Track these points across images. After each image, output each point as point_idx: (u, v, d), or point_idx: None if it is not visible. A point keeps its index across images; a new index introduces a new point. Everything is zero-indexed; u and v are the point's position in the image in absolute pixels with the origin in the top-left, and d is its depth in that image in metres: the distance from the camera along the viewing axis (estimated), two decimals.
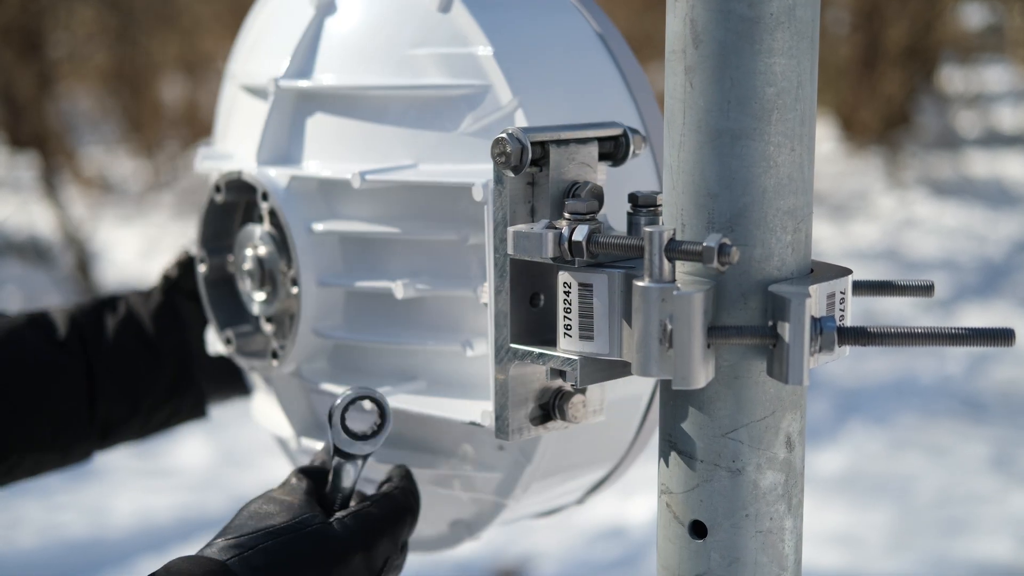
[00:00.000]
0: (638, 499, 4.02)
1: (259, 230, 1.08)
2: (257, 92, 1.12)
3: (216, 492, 4.00)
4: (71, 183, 7.31)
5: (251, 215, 1.12)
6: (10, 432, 1.14)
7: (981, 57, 10.35)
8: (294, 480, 0.97)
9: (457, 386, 1.01)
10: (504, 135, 0.83)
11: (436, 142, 0.98)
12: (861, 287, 0.86)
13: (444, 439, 1.04)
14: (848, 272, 0.82)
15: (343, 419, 0.96)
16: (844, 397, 4.80)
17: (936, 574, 3.65)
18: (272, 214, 1.07)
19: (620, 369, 0.84)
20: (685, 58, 0.80)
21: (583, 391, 0.90)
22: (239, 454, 4.31)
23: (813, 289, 0.77)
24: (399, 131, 1.00)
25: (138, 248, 7.11)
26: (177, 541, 3.66)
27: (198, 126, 7.81)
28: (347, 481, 0.97)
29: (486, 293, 0.94)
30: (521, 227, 0.82)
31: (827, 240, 7.00)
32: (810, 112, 0.81)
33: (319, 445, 1.08)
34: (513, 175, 0.84)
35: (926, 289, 0.87)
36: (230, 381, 1.28)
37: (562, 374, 0.87)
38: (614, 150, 0.90)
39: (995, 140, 9.52)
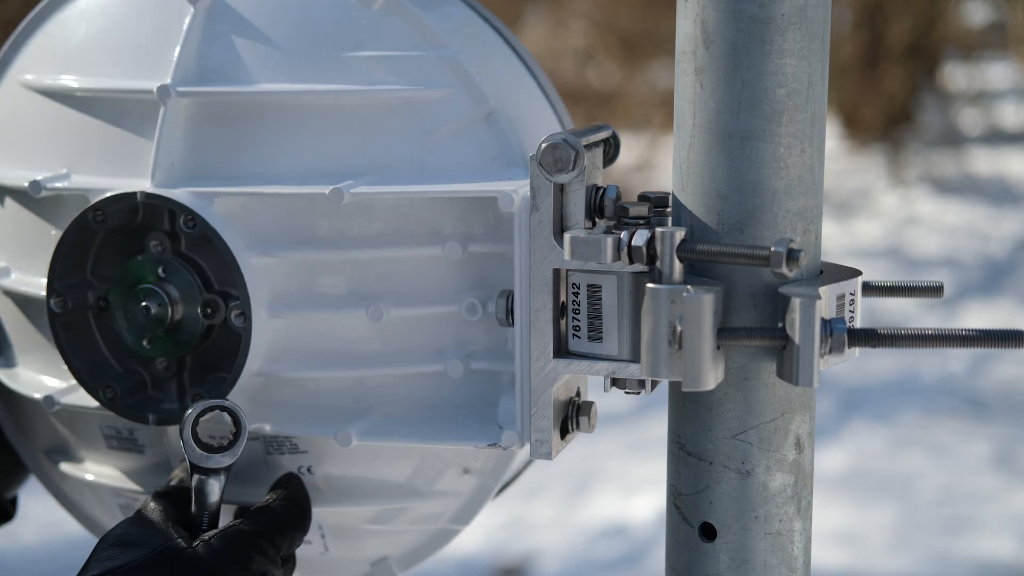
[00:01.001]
0: (640, 497, 4.02)
1: (163, 260, 0.94)
2: (76, 100, 0.98)
3: None
4: None
5: (124, 244, 0.96)
6: None
7: (984, 54, 10.34)
8: (151, 505, 0.90)
9: (427, 411, 0.95)
10: (560, 140, 0.81)
11: (395, 150, 0.92)
12: (870, 288, 0.86)
13: (391, 472, 0.97)
14: (858, 273, 0.82)
15: (195, 434, 0.90)
16: (847, 395, 4.80)
17: (938, 573, 3.65)
18: (193, 239, 0.93)
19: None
20: (695, 59, 0.80)
21: (592, 400, 0.90)
22: None
23: (823, 291, 0.77)
24: (345, 139, 0.92)
25: None
26: None
27: None
28: (212, 497, 0.91)
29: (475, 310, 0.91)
30: (578, 233, 0.80)
31: (830, 238, 6.99)
32: (820, 113, 0.80)
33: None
34: (566, 181, 0.83)
35: (935, 290, 0.87)
36: (12, 467, 1.13)
37: (616, 382, 0.85)
38: (604, 152, 0.91)
39: (998, 138, 9.51)
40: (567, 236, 0.81)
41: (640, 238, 0.79)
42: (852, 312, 0.81)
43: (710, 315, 0.76)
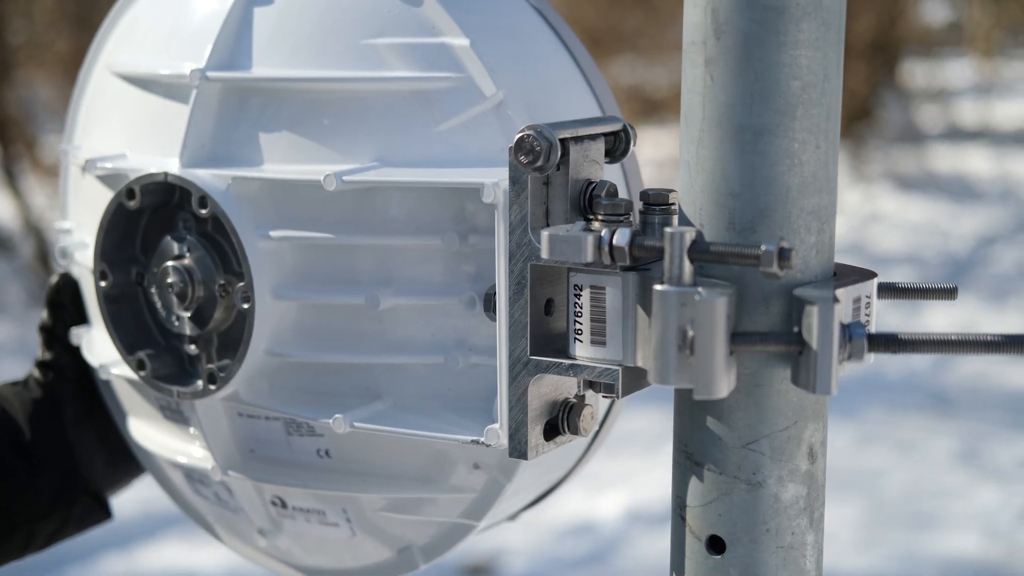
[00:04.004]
0: (607, 495, 4.00)
1: (188, 240, 0.99)
2: (141, 82, 1.02)
3: None
4: (30, 172, 7.19)
5: (164, 223, 1.01)
6: None
7: (943, 52, 10.39)
8: None
9: (434, 403, 0.93)
10: (531, 132, 0.78)
11: (406, 139, 0.91)
12: (883, 290, 0.82)
13: (405, 461, 0.97)
14: (873, 275, 0.79)
15: None
16: None
17: (905, 569, 3.65)
18: (213, 221, 0.96)
19: (645, 377, 0.80)
20: (705, 50, 0.76)
21: (590, 402, 0.86)
22: None
23: (840, 293, 0.74)
24: (358, 128, 0.92)
25: None
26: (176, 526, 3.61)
27: None
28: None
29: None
30: (557, 230, 0.77)
31: None
32: (835, 107, 0.77)
33: (244, 479, 1.01)
34: (538, 175, 0.79)
35: (949, 292, 0.83)
36: (124, 468, 1.16)
37: (592, 384, 0.82)
38: (614, 146, 0.86)
39: (957, 135, 9.56)
40: (544, 233, 0.77)
41: (622, 237, 0.75)
42: (868, 315, 0.78)
43: (723, 319, 0.72)
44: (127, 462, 1.15)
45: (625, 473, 4.13)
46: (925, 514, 3.93)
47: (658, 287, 0.73)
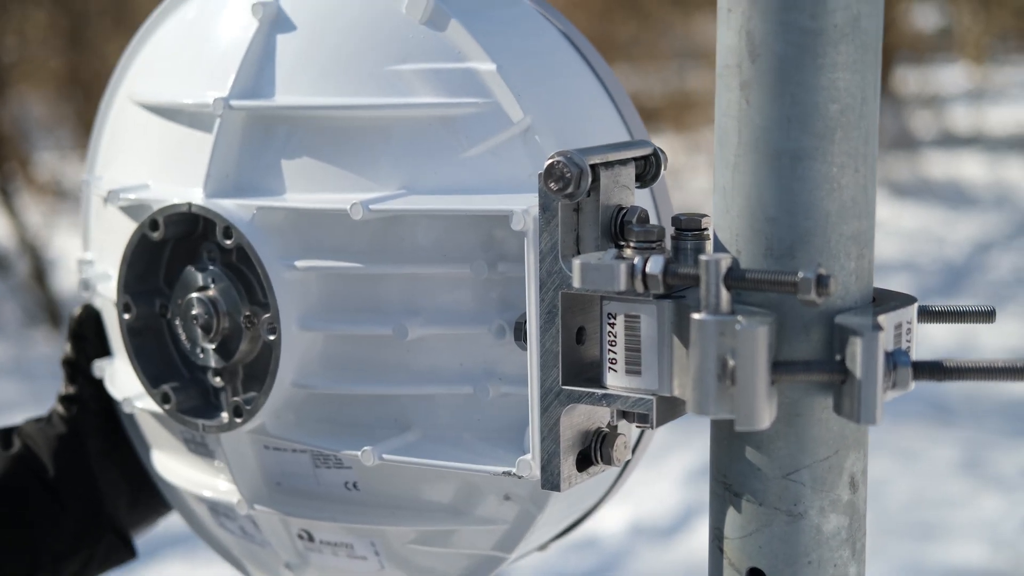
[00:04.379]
0: (611, 509, 3.98)
1: (212, 270, 0.97)
2: (164, 112, 1.01)
3: None
4: (25, 190, 7.17)
5: (187, 254, 0.99)
6: None
7: (934, 58, 10.40)
8: None
9: (464, 433, 0.92)
10: (561, 159, 0.76)
11: (432, 166, 0.89)
12: (920, 314, 0.81)
13: (434, 493, 0.95)
14: (913, 300, 0.77)
15: None
16: None
17: None
18: (237, 251, 0.94)
19: (680, 406, 0.78)
20: (740, 73, 0.74)
21: (623, 431, 0.85)
22: None
23: (883, 320, 0.72)
24: (384, 155, 0.90)
25: None
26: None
27: None
28: None
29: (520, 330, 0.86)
30: (589, 258, 0.75)
31: None
32: (873, 130, 0.75)
33: (272, 513, 0.99)
34: (569, 202, 0.78)
35: (987, 315, 0.82)
36: (149, 505, 1.13)
37: (626, 414, 0.81)
38: (644, 170, 0.85)
39: (950, 141, 9.57)
40: (576, 261, 0.75)
41: (655, 265, 0.74)
42: (909, 341, 0.76)
43: (765, 349, 0.71)
44: (151, 498, 1.13)
45: (629, 486, 4.12)
46: (929, 524, 3.92)
47: (696, 316, 0.72)
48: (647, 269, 0.74)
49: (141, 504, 1.13)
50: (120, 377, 1.07)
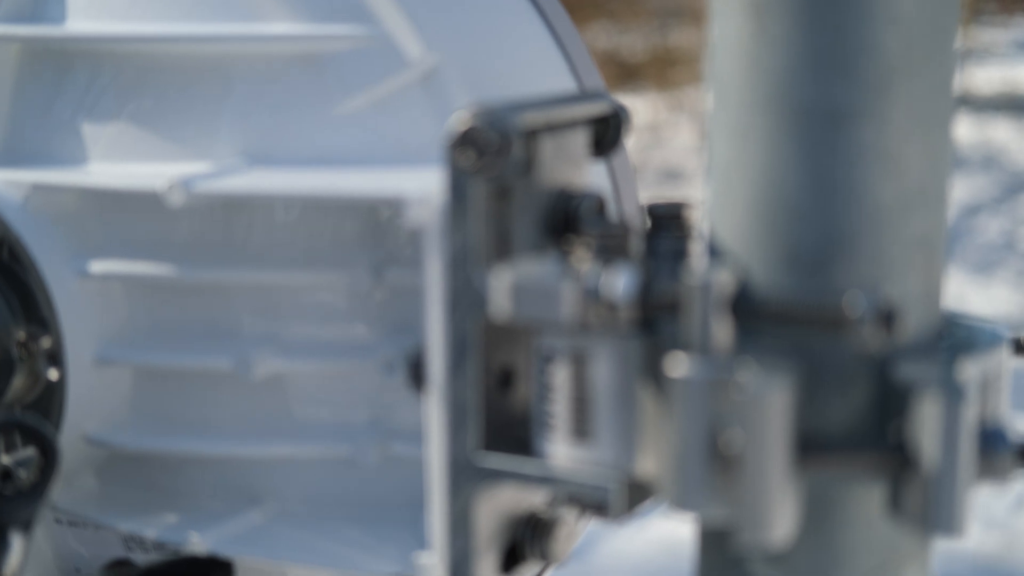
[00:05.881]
0: None
1: None
2: None
3: None
4: None
5: None
6: None
7: None
8: None
9: (336, 511, 0.67)
10: (479, 116, 0.50)
11: (291, 127, 0.64)
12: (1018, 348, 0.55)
13: None
14: (1000, 333, 0.52)
15: None
16: None
17: None
18: (8, 248, 0.69)
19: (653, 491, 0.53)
20: None
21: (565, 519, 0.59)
22: None
23: (968, 370, 0.47)
24: (221, 110, 0.65)
25: None
26: None
27: None
28: (6, 567, 0.63)
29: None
30: (522, 270, 0.49)
31: None
32: (949, 81, 0.50)
33: None
34: (491, 182, 0.52)
35: None
36: None
37: (574, 500, 0.55)
38: (600, 136, 0.59)
39: None
40: (502, 274, 0.49)
41: (622, 282, 0.48)
42: (1000, 402, 0.51)
43: (783, 418, 0.45)
44: None
45: None
46: None
47: (678, 371, 0.46)
48: (610, 289, 0.48)
49: None
50: None
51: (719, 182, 0.51)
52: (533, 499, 0.58)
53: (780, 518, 0.46)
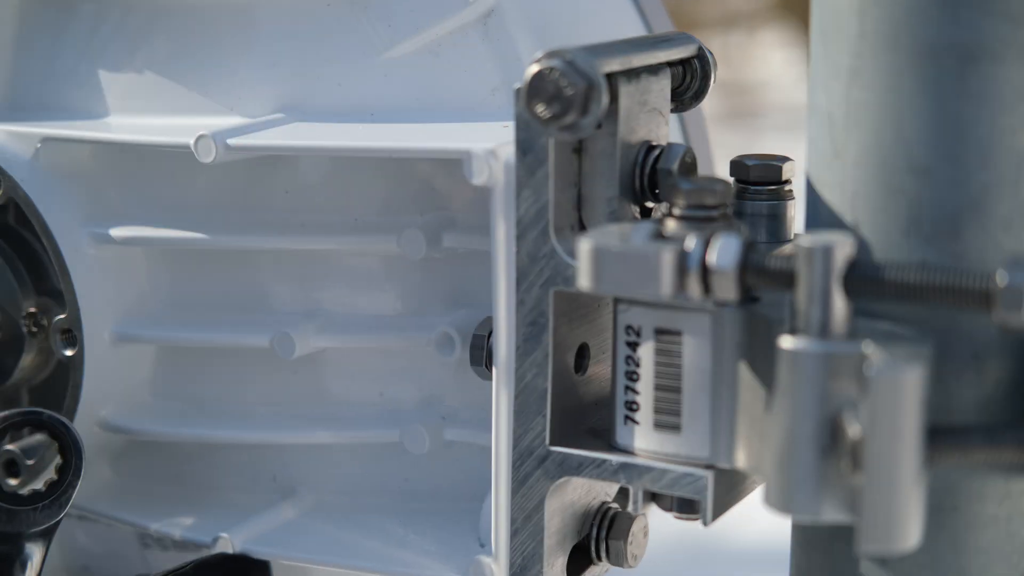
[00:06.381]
0: None
1: None
2: None
3: None
4: None
5: None
6: None
7: None
8: None
9: (381, 504, 0.61)
10: (557, 63, 0.44)
11: (332, 74, 0.58)
12: None
13: None
14: None
15: None
16: None
17: None
18: (14, 210, 0.62)
19: (747, 486, 0.48)
20: None
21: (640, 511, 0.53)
22: None
23: None
24: (252, 55, 0.59)
25: None
26: None
27: None
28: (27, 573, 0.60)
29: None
30: (604, 235, 0.43)
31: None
32: None
33: None
34: (568, 137, 0.45)
35: None
36: None
37: (658, 498, 0.50)
38: (681, 84, 0.53)
39: None
40: (584, 242, 0.43)
41: (727, 252, 0.42)
42: None
43: (916, 404, 0.39)
44: None
45: None
46: None
47: (787, 342, 0.40)
48: (714, 260, 0.42)
49: None
50: None
51: (822, 132, 0.45)
52: (602, 491, 0.52)
53: (910, 521, 0.40)
